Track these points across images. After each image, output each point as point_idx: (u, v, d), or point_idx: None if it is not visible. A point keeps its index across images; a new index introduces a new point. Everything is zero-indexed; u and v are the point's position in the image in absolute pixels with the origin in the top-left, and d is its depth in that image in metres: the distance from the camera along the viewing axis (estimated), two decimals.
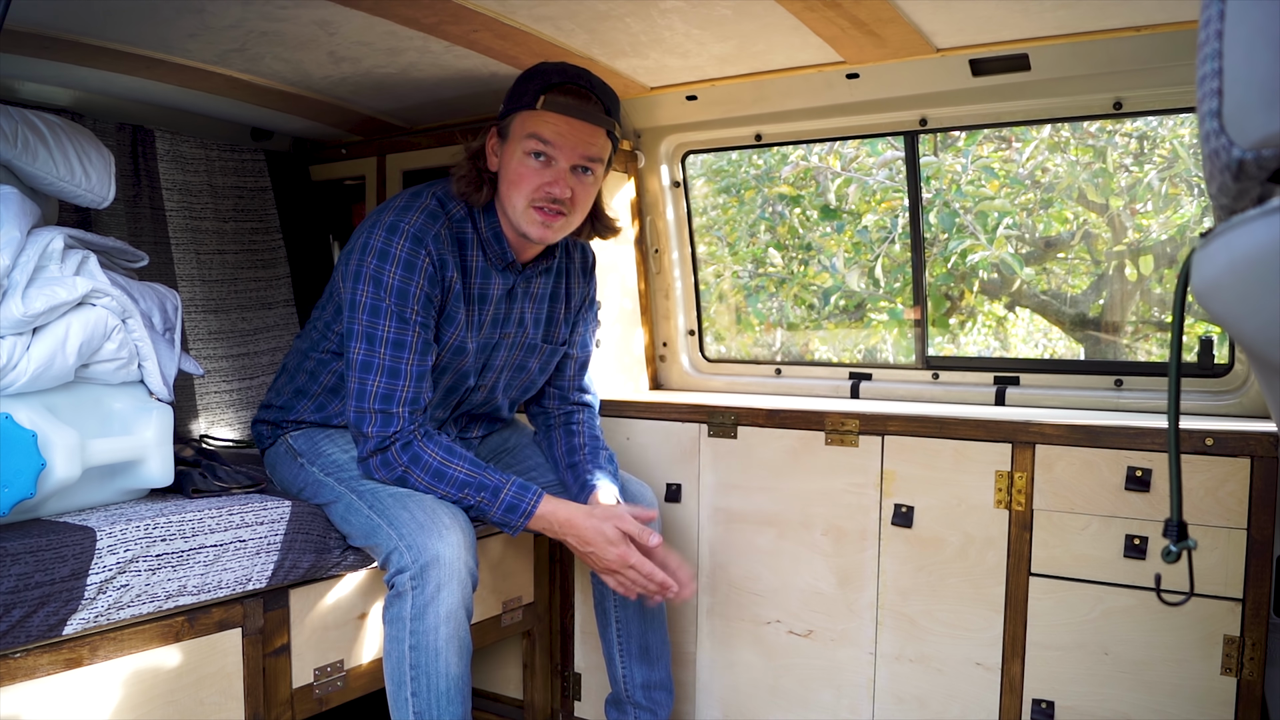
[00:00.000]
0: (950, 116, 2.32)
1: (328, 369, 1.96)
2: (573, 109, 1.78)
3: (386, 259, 1.76)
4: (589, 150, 1.81)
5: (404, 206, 1.82)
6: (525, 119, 1.79)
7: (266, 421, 2.06)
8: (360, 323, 1.77)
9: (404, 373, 1.76)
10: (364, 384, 1.76)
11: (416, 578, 1.66)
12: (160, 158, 2.57)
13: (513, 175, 1.81)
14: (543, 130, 1.77)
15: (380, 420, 1.76)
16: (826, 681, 2.21)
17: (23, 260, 1.55)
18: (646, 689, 2.11)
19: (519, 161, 1.80)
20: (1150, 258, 3.25)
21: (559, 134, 1.78)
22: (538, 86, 1.79)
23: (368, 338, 1.76)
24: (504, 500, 1.78)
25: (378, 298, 1.76)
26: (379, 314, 1.76)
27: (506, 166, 1.83)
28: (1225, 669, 1.76)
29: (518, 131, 1.80)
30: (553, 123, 1.77)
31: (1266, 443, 1.73)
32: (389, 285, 1.75)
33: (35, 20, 1.91)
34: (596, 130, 1.81)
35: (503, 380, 2.04)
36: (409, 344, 1.77)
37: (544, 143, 1.78)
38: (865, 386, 2.54)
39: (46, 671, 1.44)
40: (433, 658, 1.65)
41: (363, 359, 1.76)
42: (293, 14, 1.99)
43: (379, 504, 1.77)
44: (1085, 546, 1.89)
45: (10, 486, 1.45)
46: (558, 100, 1.77)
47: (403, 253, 1.76)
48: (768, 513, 2.27)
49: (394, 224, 1.78)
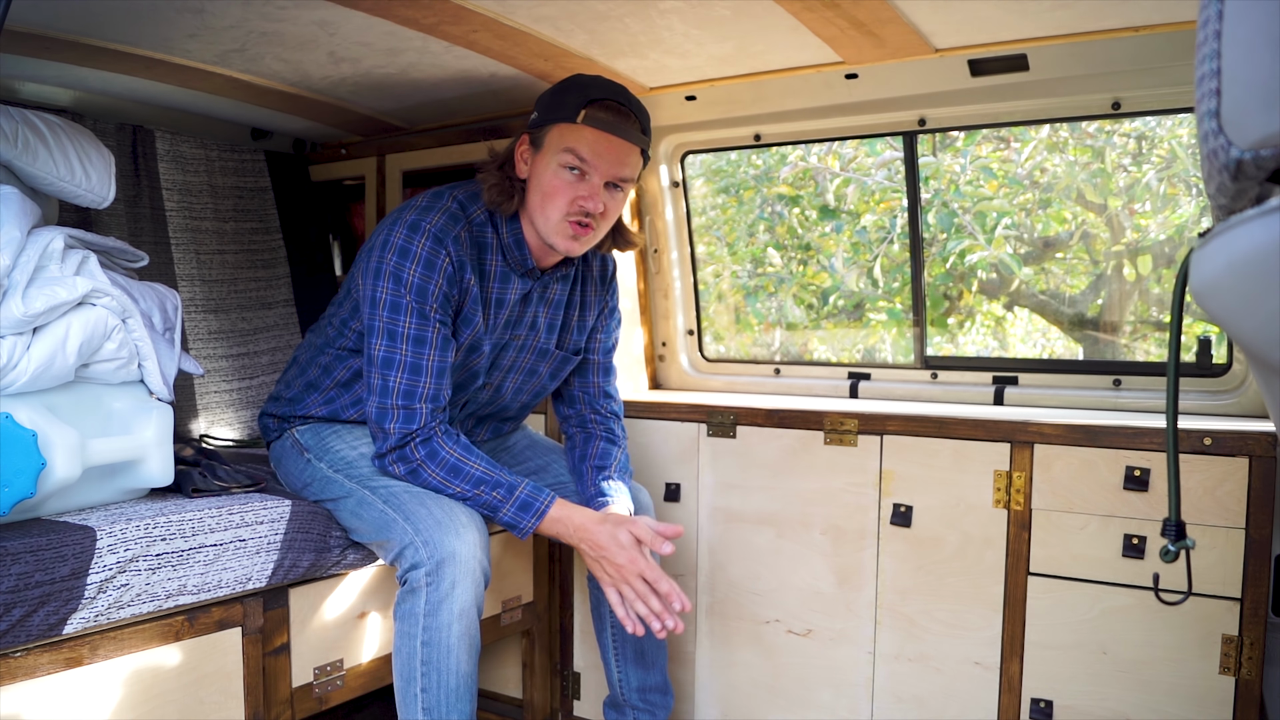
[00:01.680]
0: (949, 117, 2.32)
1: (343, 364, 1.96)
2: (613, 126, 1.78)
3: (407, 256, 1.76)
4: (623, 169, 1.81)
5: (426, 206, 1.82)
6: (563, 131, 1.79)
7: (273, 415, 2.06)
8: (381, 319, 1.77)
9: (425, 369, 1.77)
10: (386, 380, 1.76)
11: (432, 574, 1.66)
12: (160, 158, 2.57)
13: (547, 187, 1.81)
14: (581, 146, 1.77)
15: (403, 416, 1.76)
16: (825, 681, 2.21)
17: (23, 260, 1.55)
18: (643, 692, 2.11)
19: (554, 174, 1.80)
20: (1149, 257, 3.25)
21: (597, 152, 1.78)
22: (578, 100, 1.78)
23: (389, 334, 1.76)
24: (519, 498, 1.77)
25: (398, 294, 1.76)
26: (399, 310, 1.76)
27: (539, 177, 1.82)
28: (1223, 668, 1.77)
29: (554, 143, 1.80)
30: (591, 139, 1.77)
31: (1265, 442, 1.73)
32: (409, 282, 1.76)
33: (35, 20, 1.91)
34: (632, 149, 1.82)
35: (511, 383, 2.04)
36: (430, 340, 1.77)
37: (581, 158, 1.78)
38: (864, 386, 2.55)
39: (46, 671, 1.44)
40: (444, 654, 1.65)
41: (384, 355, 1.77)
42: (293, 14, 1.99)
43: (394, 499, 1.77)
44: (1084, 546, 1.89)
45: (10, 486, 1.45)
46: (598, 116, 1.77)
47: (424, 251, 1.76)
48: (767, 512, 2.27)
49: (415, 222, 1.78)
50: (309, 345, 2.06)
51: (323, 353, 1.99)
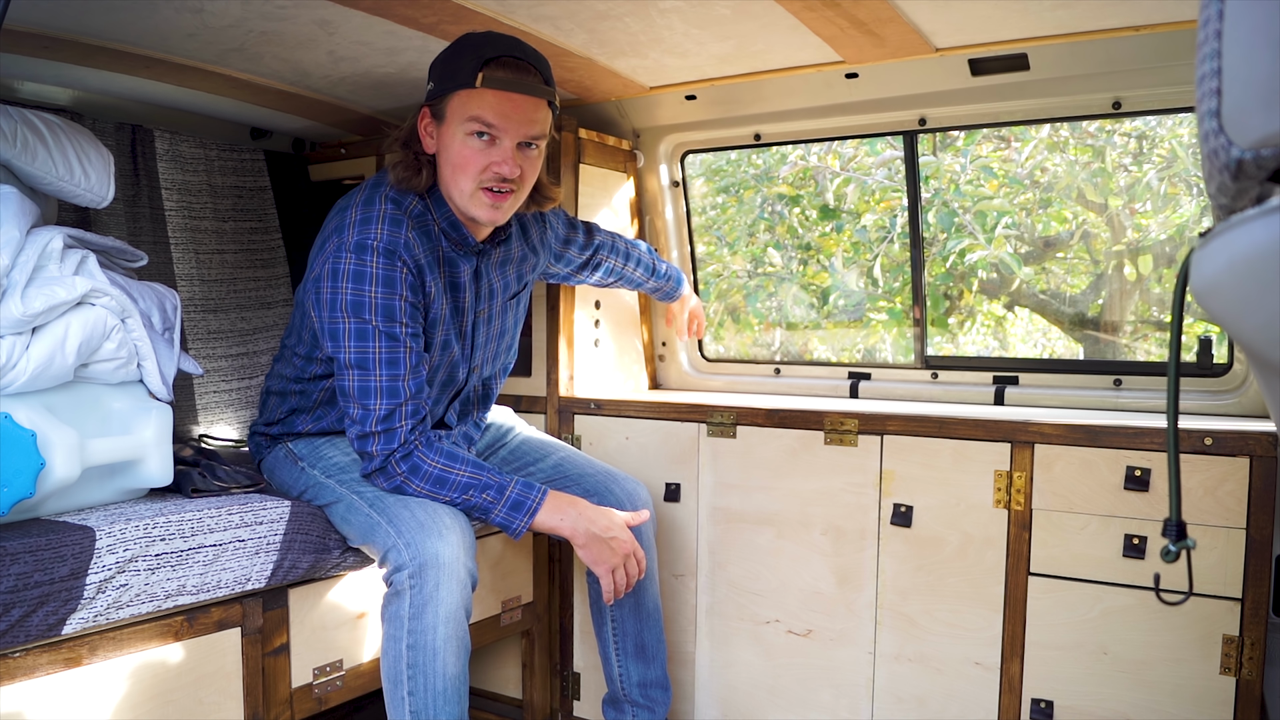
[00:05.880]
0: (949, 116, 2.32)
1: (319, 387, 1.94)
2: (514, 84, 1.71)
3: (363, 279, 1.70)
4: (533, 126, 1.75)
5: (362, 221, 1.74)
6: (464, 99, 1.71)
7: (265, 435, 2.05)
8: (348, 351, 1.72)
9: (402, 390, 1.73)
10: (366, 408, 1.72)
11: (415, 576, 1.65)
12: (159, 157, 2.57)
13: (456, 158, 1.74)
14: (485, 111, 1.70)
15: (384, 439, 1.74)
16: (825, 681, 2.21)
17: (22, 260, 1.55)
18: (643, 687, 2.11)
19: (461, 143, 1.73)
20: (1149, 257, 3.25)
21: (502, 113, 1.70)
22: (473, 62, 1.70)
23: (359, 365, 1.72)
24: (509, 498, 1.77)
25: (362, 321, 1.70)
26: (366, 337, 1.71)
27: (447, 149, 1.75)
28: (1224, 668, 1.77)
29: (457, 112, 1.72)
30: (494, 101, 1.70)
31: (1265, 442, 1.73)
32: (373, 305, 1.70)
33: (35, 20, 1.90)
34: (539, 103, 1.75)
35: (487, 354, 2.03)
36: (402, 360, 1.73)
37: (488, 124, 1.71)
38: (864, 386, 2.54)
39: (46, 671, 1.44)
40: (430, 657, 1.65)
41: (359, 385, 1.72)
42: (292, 14, 1.99)
43: (379, 503, 1.76)
44: (1084, 546, 1.89)
45: (10, 486, 1.45)
46: (497, 76, 1.69)
47: (379, 269, 1.70)
48: (767, 512, 2.27)
49: (360, 242, 1.71)
50: (279, 376, 2.01)
51: (296, 383, 1.97)
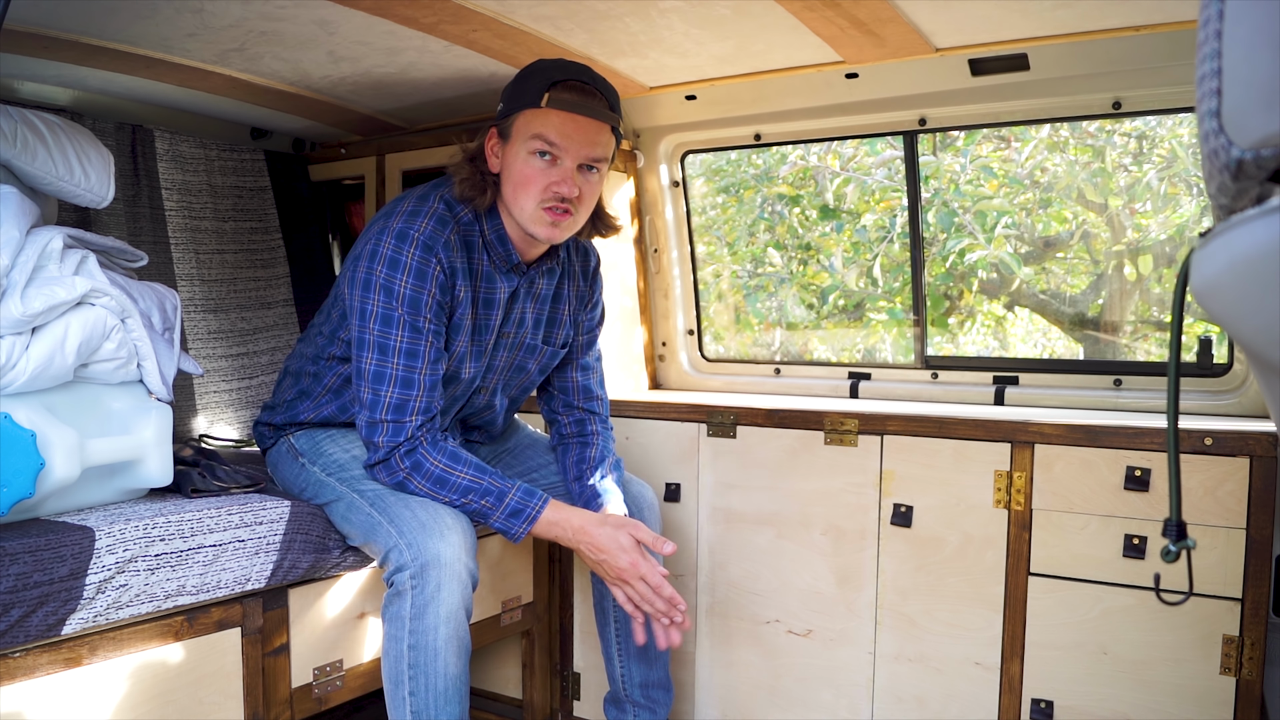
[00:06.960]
0: (949, 116, 2.32)
1: (333, 372, 1.95)
2: (578, 106, 1.75)
3: (397, 267, 1.73)
4: (594, 149, 1.78)
5: (411, 212, 1.79)
6: (529, 118, 1.76)
7: (269, 424, 2.05)
8: (371, 332, 1.74)
9: (417, 382, 1.75)
10: (377, 394, 1.74)
11: (416, 576, 1.65)
12: (160, 157, 2.57)
13: (519, 176, 1.78)
14: (548, 130, 1.75)
15: (392, 430, 1.75)
16: (825, 681, 2.21)
17: (22, 260, 1.55)
18: (645, 688, 2.11)
19: (524, 162, 1.77)
20: (1149, 257, 3.25)
21: (565, 133, 1.75)
22: (540, 84, 1.76)
23: (380, 347, 1.74)
24: (508, 505, 1.76)
25: (390, 307, 1.73)
26: (391, 323, 1.73)
27: (511, 167, 1.80)
28: (1224, 669, 1.77)
29: (522, 131, 1.77)
30: (558, 121, 1.75)
31: (1265, 442, 1.73)
32: (401, 294, 1.73)
33: (35, 20, 1.90)
34: (602, 127, 1.79)
35: (501, 381, 2.04)
36: (422, 353, 1.75)
37: (550, 143, 1.75)
38: (864, 386, 2.54)
39: (45, 671, 1.44)
40: (431, 657, 1.65)
41: (375, 369, 1.74)
42: (292, 14, 1.99)
43: (380, 502, 1.76)
44: (1084, 546, 1.89)
45: (9, 486, 1.45)
46: (562, 98, 1.75)
47: (414, 261, 1.73)
48: (767, 512, 2.27)
49: (403, 231, 1.75)
50: (299, 355, 2.04)
51: (313, 362, 1.98)
